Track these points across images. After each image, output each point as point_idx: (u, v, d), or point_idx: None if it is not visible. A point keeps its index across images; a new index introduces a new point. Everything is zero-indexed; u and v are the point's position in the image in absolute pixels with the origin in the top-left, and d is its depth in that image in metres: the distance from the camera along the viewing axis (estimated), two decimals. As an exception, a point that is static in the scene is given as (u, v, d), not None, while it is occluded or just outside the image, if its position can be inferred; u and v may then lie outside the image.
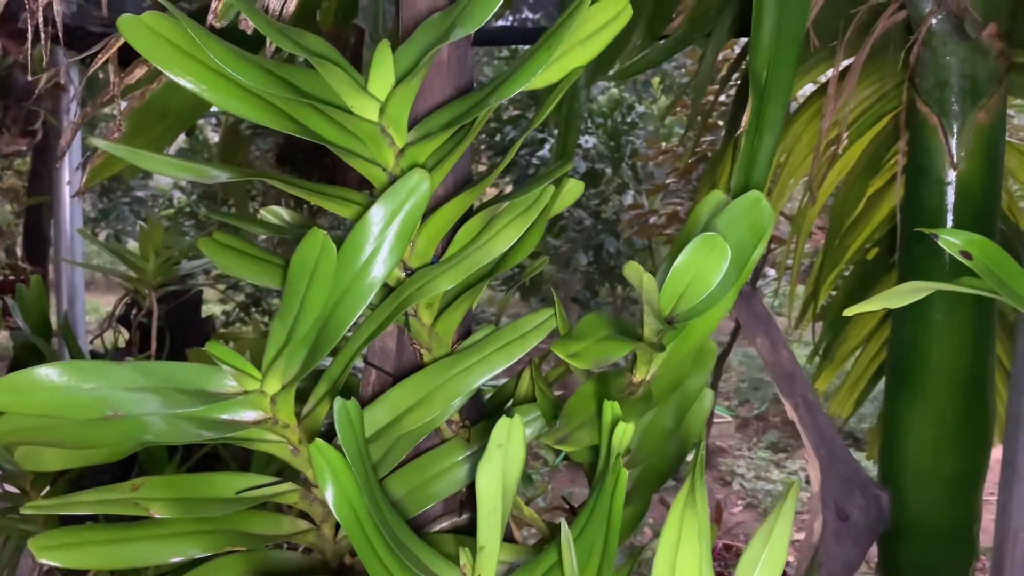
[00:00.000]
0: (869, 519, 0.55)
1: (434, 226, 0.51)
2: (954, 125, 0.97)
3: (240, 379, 0.48)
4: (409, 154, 0.49)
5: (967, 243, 0.50)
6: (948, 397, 1.01)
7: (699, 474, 0.43)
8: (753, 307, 0.63)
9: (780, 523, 0.45)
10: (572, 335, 0.51)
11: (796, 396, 0.60)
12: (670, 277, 0.57)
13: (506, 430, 0.41)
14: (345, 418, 0.44)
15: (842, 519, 0.56)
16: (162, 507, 0.47)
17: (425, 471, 0.56)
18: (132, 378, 0.46)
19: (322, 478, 0.42)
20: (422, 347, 0.56)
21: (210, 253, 0.52)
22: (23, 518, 1.12)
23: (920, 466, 1.03)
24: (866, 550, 0.55)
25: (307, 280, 0.45)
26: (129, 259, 1.15)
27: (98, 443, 0.47)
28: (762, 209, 0.59)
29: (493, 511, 0.43)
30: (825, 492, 0.57)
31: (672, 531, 0.42)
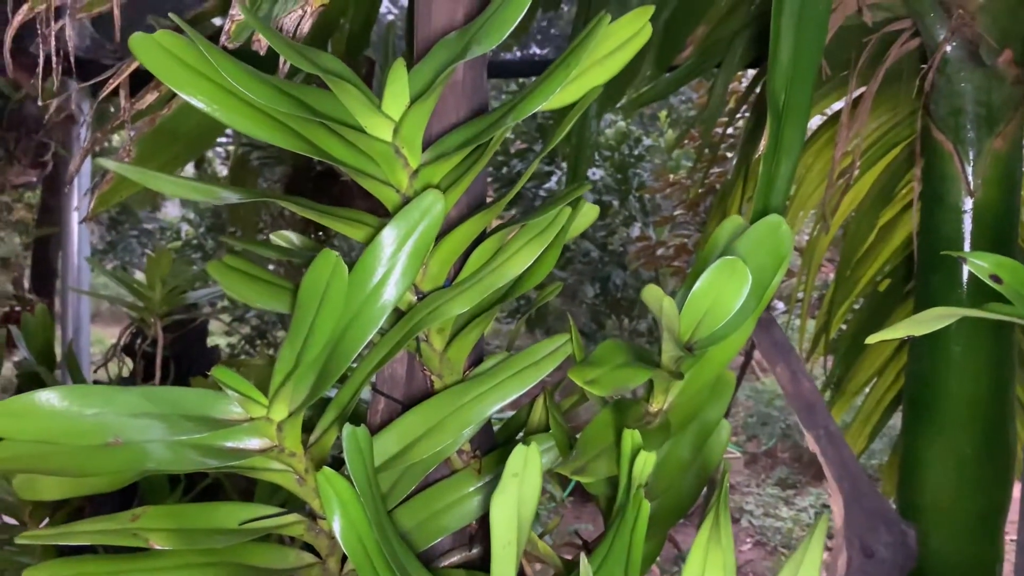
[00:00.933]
0: (896, 556, 0.53)
1: (447, 249, 0.50)
2: (970, 152, 0.96)
3: (246, 405, 0.46)
4: (423, 175, 0.48)
5: (996, 266, 0.49)
6: (968, 432, 0.99)
7: (723, 506, 0.41)
8: (773, 335, 0.61)
9: (808, 558, 0.43)
10: (589, 361, 0.49)
11: (818, 427, 0.58)
12: (689, 302, 0.55)
13: (522, 459, 0.40)
14: (354, 446, 0.42)
15: (867, 556, 0.53)
16: (162, 538, 0.46)
17: (435, 503, 0.54)
18: (136, 403, 0.45)
19: (329, 508, 0.41)
20: (433, 374, 0.54)
21: (219, 277, 0.51)
22: (20, 550, 1.10)
23: (940, 503, 1.01)
24: (895, 589, 0.53)
25: (317, 303, 0.44)
26: (135, 287, 1.15)
27: (98, 471, 0.46)
28: (782, 233, 0.57)
29: (508, 544, 0.41)
30: (849, 528, 0.55)
31: (696, 566, 0.40)
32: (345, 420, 0.46)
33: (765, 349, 0.61)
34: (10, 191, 2.34)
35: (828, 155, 1.57)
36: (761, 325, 0.61)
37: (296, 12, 0.53)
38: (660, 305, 0.48)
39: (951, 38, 0.96)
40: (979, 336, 0.97)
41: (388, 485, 0.52)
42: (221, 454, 0.47)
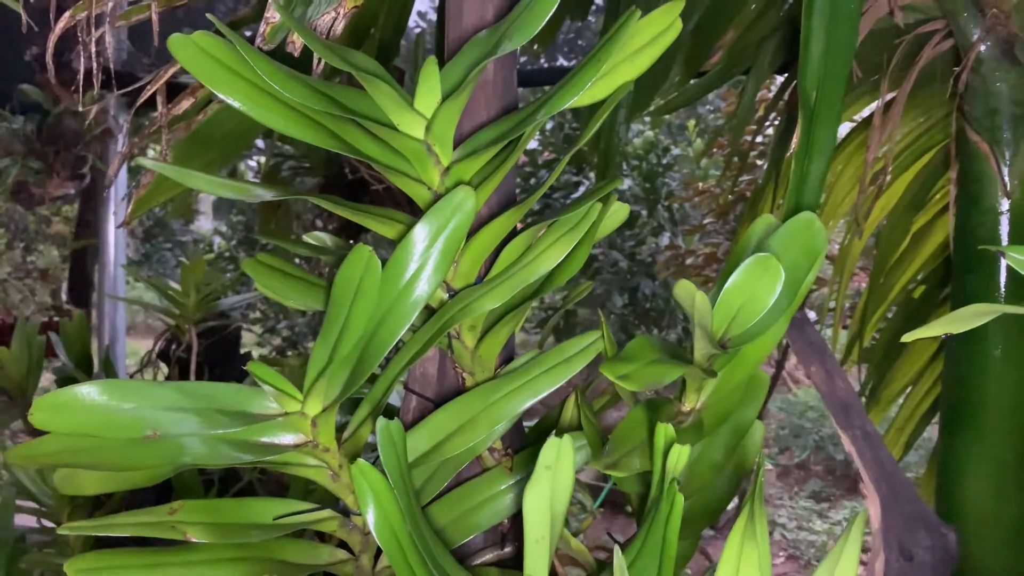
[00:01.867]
0: (936, 560, 0.52)
1: (478, 246, 0.50)
2: (1006, 153, 0.94)
3: (281, 400, 0.47)
4: (454, 172, 0.48)
5: (1038, 264, 0.48)
6: (1008, 437, 0.97)
7: (758, 502, 0.41)
8: (807, 335, 0.61)
9: (846, 555, 0.42)
10: (621, 357, 0.49)
11: (854, 427, 0.57)
12: (721, 299, 0.55)
13: (555, 452, 0.40)
14: (388, 439, 0.42)
15: (907, 559, 0.52)
16: (199, 531, 0.46)
17: (467, 500, 0.54)
18: (172, 398, 0.46)
19: (363, 500, 0.41)
20: (464, 371, 0.54)
21: (254, 274, 0.52)
22: (58, 552, 1.12)
23: (980, 511, 0.99)
24: (935, 591, 0.52)
25: (351, 298, 0.44)
26: (170, 294, 1.16)
27: (136, 465, 0.47)
28: (816, 230, 0.57)
29: (541, 540, 0.41)
30: (887, 530, 0.54)
31: (730, 563, 0.40)
32: (378, 416, 0.46)
33: (799, 349, 0.61)
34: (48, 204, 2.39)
35: (859, 160, 1.55)
36: (795, 324, 0.60)
37: (329, 14, 0.53)
38: (692, 300, 0.48)
39: (985, 37, 0.95)
40: (1018, 339, 0.95)
41: (421, 481, 0.53)
42: (256, 449, 0.47)
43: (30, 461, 0.48)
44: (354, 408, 0.52)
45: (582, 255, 0.49)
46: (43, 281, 4.10)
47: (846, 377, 0.60)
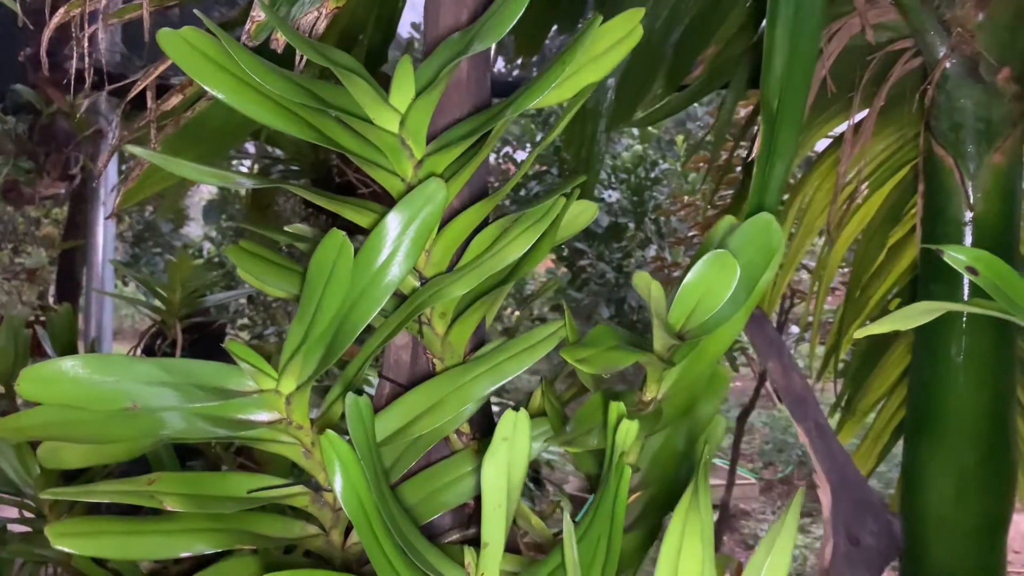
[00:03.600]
0: (881, 544, 0.55)
1: (449, 236, 0.53)
2: (970, 167, 0.98)
3: (257, 378, 0.49)
4: (427, 165, 0.51)
5: (973, 259, 0.51)
6: (969, 441, 1.00)
7: (703, 477, 0.43)
8: (765, 331, 0.63)
9: (784, 531, 0.45)
10: (582, 343, 0.51)
11: (808, 420, 0.60)
12: (680, 293, 0.57)
13: (511, 423, 0.42)
14: (356, 413, 0.45)
15: (853, 544, 0.55)
16: (176, 501, 0.48)
17: (436, 480, 0.57)
18: (152, 373, 0.48)
19: (331, 469, 0.43)
20: (435, 357, 0.57)
21: (236, 259, 0.54)
22: (39, 542, 1.13)
23: (942, 513, 1.01)
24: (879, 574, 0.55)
25: (324, 280, 0.47)
26: (156, 289, 1.19)
27: (117, 437, 0.49)
28: (772, 230, 0.60)
29: (498, 507, 0.44)
30: (836, 517, 0.57)
31: (675, 535, 0.42)
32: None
33: (758, 344, 0.63)
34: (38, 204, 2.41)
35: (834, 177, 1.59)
36: (754, 321, 0.63)
37: (312, 13, 0.56)
38: (649, 291, 0.51)
39: (951, 55, 0.98)
40: (980, 345, 0.99)
41: (391, 460, 0.55)
42: (232, 424, 0.50)
43: (17, 433, 0.50)
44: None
45: (546, 246, 0.52)
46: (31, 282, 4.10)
47: (801, 373, 0.63)
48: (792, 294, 2.78)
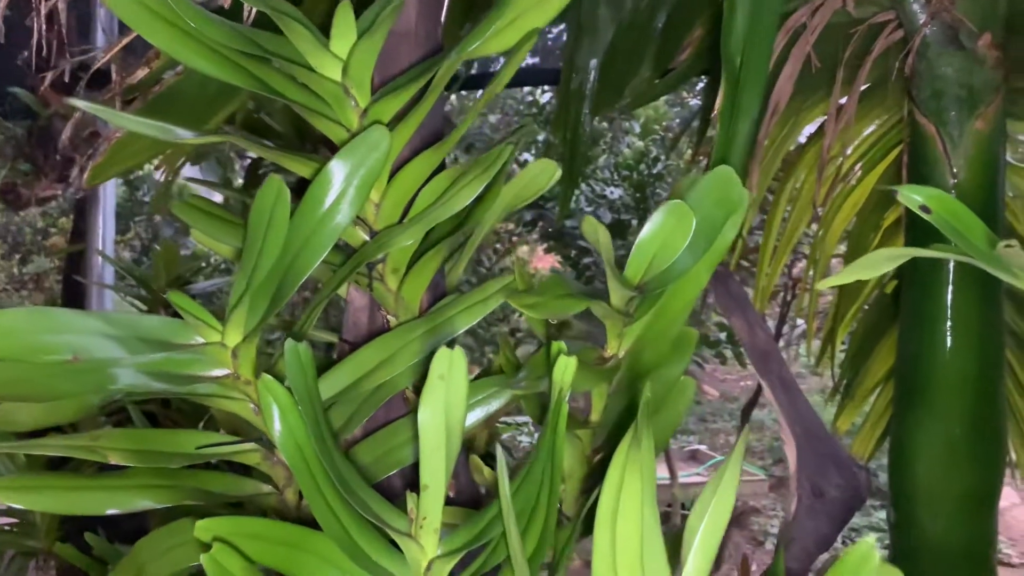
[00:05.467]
0: (845, 496, 0.54)
1: (399, 188, 0.52)
2: (953, 134, 0.97)
3: (201, 331, 0.49)
4: (372, 113, 0.50)
5: (927, 198, 0.50)
6: (957, 412, 0.99)
7: (644, 416, 0.42)
8: (729, 288, 0.63)
9: (728, 472, 0.44)
10: (532, 291, 0.51)
11: (772, 375, 0.59)
12: (637, 245, 0.57)
13: (447, 361, 0.41)
14: (295, 359, 0.44)
15: (817, 496, 0.54)
16: (120, 456, 0.48)
17: (392, 439, 0.56)
18: (96, 326, 0.48)
19: (268, 414, 0.43)
20: (389, 314, 0.56)
21: (184, 215, 0.54)
22: (27, 533, 1.13)
23: (930, 485, 1.00)
24: (842, 526, 0.54)
25: (264, 228, 0.46)
26: (140, 277, 1.19)
27: (64, 394, 0.48)
28: (731, 182, 0.59)
29: (436, 449, 0.43)
30: (801, 470, 0.56)
31: (616, 472, 0.41)
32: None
33: (722, 301, 0.63)
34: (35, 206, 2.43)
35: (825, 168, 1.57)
36: (717, 278, 0.62)
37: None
38: (596, 236, 0.50)
39: (930, 22, 0.97)
40: (967, 315, 0.97)
41: (345, 417, 0.54)
42: (179, 380, 0.49)
43: (-35, 393, 0.50)
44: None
45: (495, 193, 0.51)
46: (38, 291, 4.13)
47: (767, 328, 0.62)
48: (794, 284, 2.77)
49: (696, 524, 0.44)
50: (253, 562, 0.43)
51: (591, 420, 0.63)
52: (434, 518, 0.44)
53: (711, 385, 6.73)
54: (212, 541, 0.41)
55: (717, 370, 6.63)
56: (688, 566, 0.43)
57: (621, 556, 0.41)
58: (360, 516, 0.44)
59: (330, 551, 0.45)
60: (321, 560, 0.45)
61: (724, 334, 4.20)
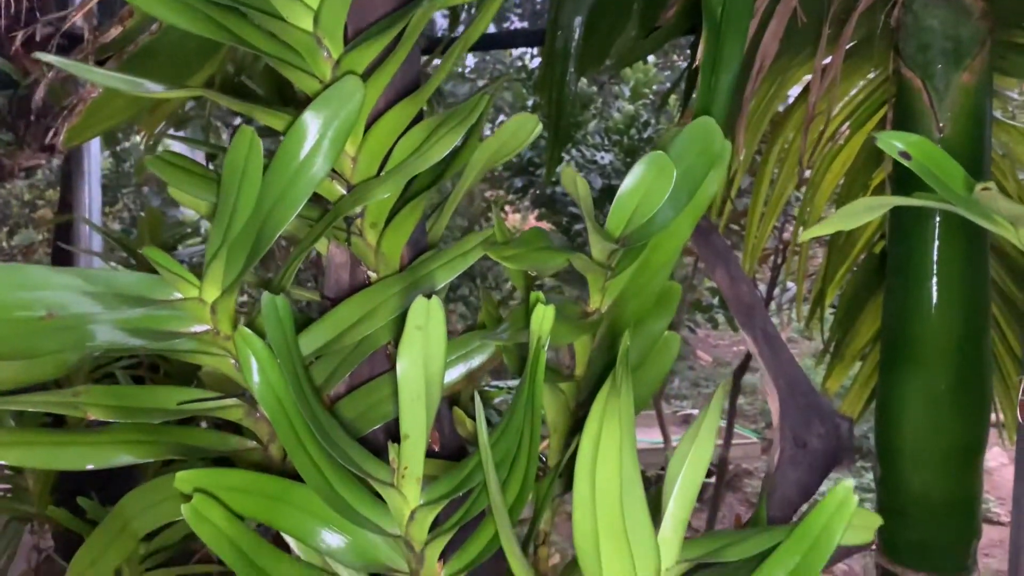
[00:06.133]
0: (827, 446, 0.54)
1: (375, 140, 0.52)
2: (939, 87, 0.96)
3: (179, 285, 0.48)
4: (345, 63, 0.49)
5: (907, 144, 0.50)
6: (942, 369, 0.99)
7: (623, 365, 0.42)
8: (712, 241, 0.62)
9: (707, 422, 0.44)
10: (512, 243, 0.51)
11: (755, 328, 0.59)
12: (618, 198, 0.57)
13: (424, 311, 0.41)
14: (272, 312, 0.44)
15: (800, 447, 0.55)
16: (101, 412, 0.48)
17: (375, 394, 0.56)
18: (72, 283, 0.47)
19: (247, 367, 0.43)
20: (370, 270, 0.56)
21: (157, 169, 0.53)
22: (20, 498, 1.14)
23: (917, 441, 1.01)
24: (824, 476, 0.54)
25: (238, 179, 0.46)
26: (123, 242, 1.18)
27: (42, 351, 0.48)
28: (712, 133, 0.59)
29: (416, 399, 0.43)
30: (784, 422, 0.56)
31: (595, 419, 0.42)
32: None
33: (705, 255, 0.62)
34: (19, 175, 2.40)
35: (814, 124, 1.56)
36: (700, 232, 0.62)
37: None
38: (575, 186, 0.50)
39: (917, -26, 0.96)
40: (952, 270, 0.98)
41: (327, 373, 0.54)
42: (158, 336, 0.49)
43: (-58, 353, 0.49)
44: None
45: (474, 145, 0.51)
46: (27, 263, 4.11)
47: (750, 282, 0.62)
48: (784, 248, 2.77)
49: (676, 471, 0.44)
50: (236, 514, 0.43)
51: (575, 375, 0.63)
52: (415, 467, 0.44)
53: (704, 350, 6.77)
54: (193, 492, 0.41)
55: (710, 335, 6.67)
56: (668, 511, 0.43)
57: (601, 503, 0.41)
58: (342, 467, 0.44)
59: (313, 503, 0.45)
60: (304, 512, 0.45)
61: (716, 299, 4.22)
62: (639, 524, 0.41)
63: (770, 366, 0.58)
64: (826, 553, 0.42)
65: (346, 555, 0.45)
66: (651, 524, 0.42)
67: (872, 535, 0.47)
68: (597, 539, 0.41)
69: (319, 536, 0.45)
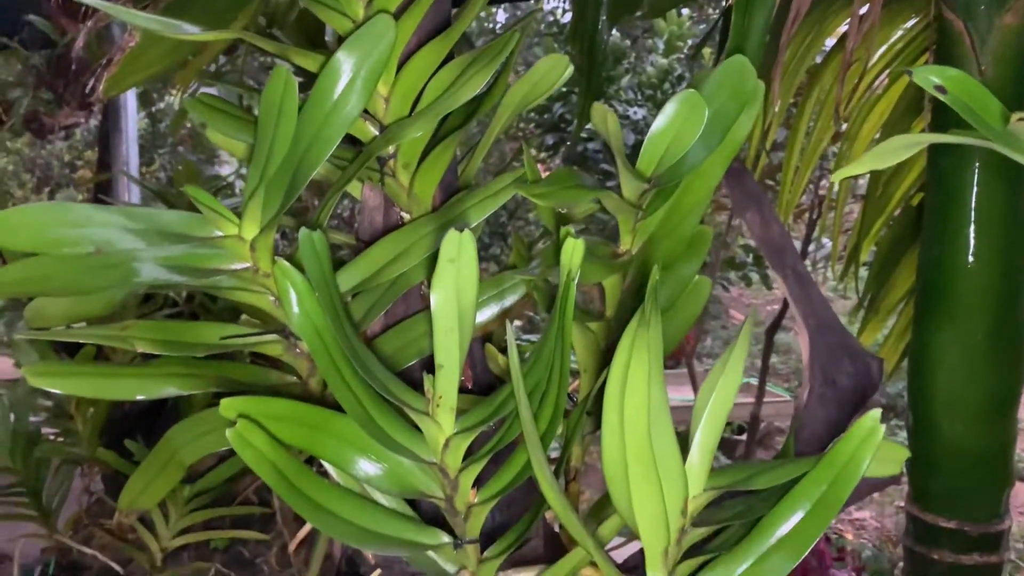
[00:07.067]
0: (856, 384, 0.54)
1: (407, 79, 0.52)
2: (981, 30, 0.94)
3: (219, 223, 0.50)
4: (377, 3, 0.50)
5: (943, 79, 0.49)
6: (979, 317, 0.98)
7: (652, 301, 0.43)
8: (744, 183, 0.62)
9: (735, 353, 0.45)
10: (542, 182, 0.51)
11: (786, 268, 0.59)
12: (649, 137, 0.57)
13: (456, 244, 0.42)
14: (309, 246, 0.45)
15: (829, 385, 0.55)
16: (147, 345, 0.50)
17: (412, 331, 0.57)
18: (115, 220, 0.49)
19: (286, 299, 0.44)
20: (403, 211, 0.57)
21: (196, 111, 0.55)
22: (72, 442, 1.18)
23: (951, 390, 1.00)
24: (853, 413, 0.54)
25: (275, 119, 0.47)
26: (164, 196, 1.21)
27: (89, 287, 0.50)
28: (745, 72, 0.58)
29: (450, 331, 0.44)
30: (813, 361, 0.56)
31: (623, 351, 0.42)
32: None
33: (737, 197, 0.62)
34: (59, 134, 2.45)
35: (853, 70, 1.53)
36: (732, 173, 0.62)
37: None
38: (605, 124, 0.50)
39: (962, -89, 0.93)
40: (992, 219, 0.96)
41: (364, 309, 0.56)
42: (199, 273, 0.50)
43: None
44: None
45: (503, 83, 0.51)
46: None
47: (781, 223, 0.62)
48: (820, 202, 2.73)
49: (704, 401, 0.45)
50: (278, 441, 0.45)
51: (605, 316, 0.63)
52: (450, 397, 0.45)
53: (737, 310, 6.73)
54: (237, 419, 0.43)
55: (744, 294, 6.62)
56: (696, 440, 0.44)
57: (629, 431, 0.42)
58: (379, 397, 0.45)
59: (352, 432, 0.47)
60: (343, 441, 0.47)
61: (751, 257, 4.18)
62: (667, 452, 0.42)
63: (801, 306, 0.58)
64: (852, 483, 0.43)
65: (383, 482, 0.47)
66: (679, 452, 0.43)
67: (900, 468, 0.48)
68: (626, 466, 0.42)
69: (357, 464, 0.47)
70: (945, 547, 1.01)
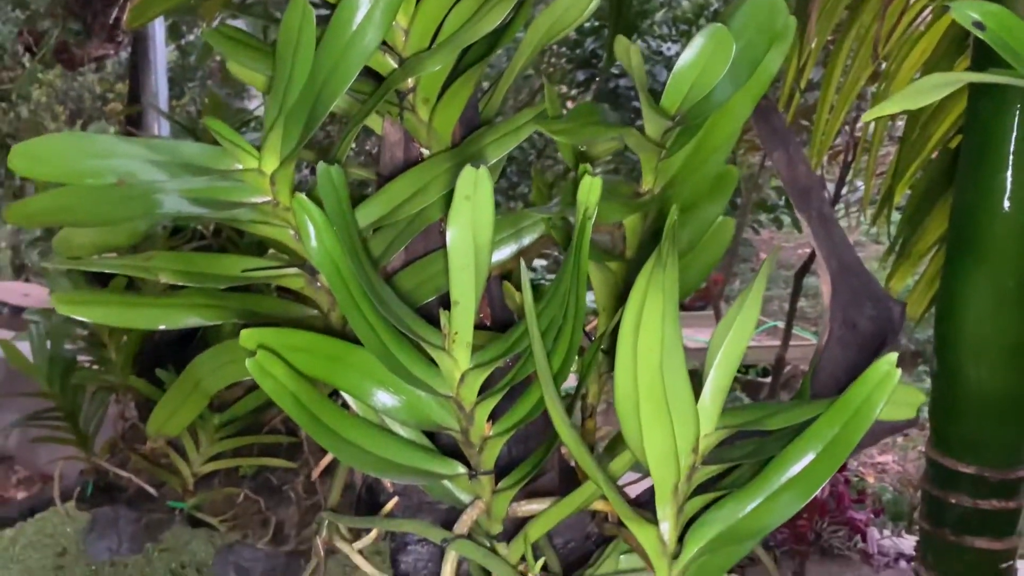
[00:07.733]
0: (877, 328, 0.54)
1: (426, 11, 0.51)
2: (1031, -38, 0.90)
3: (240, 157, 0.50)
4: (397, -69, 0.49)
5: (982, 13, 0.47)
6: (1011, 263, 0.96)
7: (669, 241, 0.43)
8: (772, 122, 0.61)
9: (752, 293, 0.44)
10: (562, 118, 0.50)
11: (811, 209, 0.59)
12: (674, 73, 0.55)
13: (472, 181, 0.42)
14: (328, 180, 0.45)
15: (849, 328, 0.55)
16: (171, 275, 0.51)
17: (431, 268, 0.58)
18: (138, 152, 0.49)
19: (304, 233, 0.44)
20: (423, 146, 0.57)
21: (215, 42, 0.54)
22: (106, 369, 1.22)
23: (979, 335, 0.99)
24: (872, 356, 0.54)
25: (292, 50, 0.47)
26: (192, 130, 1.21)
27: (114, 218, 0.51)
28: (776, 7, 0.56)
29: (465, 267, 0.44)
30: (834, 303, 0.56)
31: (639, 290, 0.42)
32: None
33: (764, 136, 0.61)
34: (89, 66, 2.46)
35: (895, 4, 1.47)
36: (760, 112, 0.61)
37: None
38: (628, 58, 0.49)
39: None
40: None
41: (383, 246, 0.56)
42: (220, 206, 0.51)
43: (26, 219, 0.52)
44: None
45: (523, 16, 0.50)
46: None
47: (808, 163, 0.61)
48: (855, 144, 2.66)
49: (719, 341, 0.45)
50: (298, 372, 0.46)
51: (625, 255, 0.63)
52: (465, 332, 0.45)
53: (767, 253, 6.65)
54: (257, 349, 0.44)
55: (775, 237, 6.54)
56: (709, 379, 0.45)
57: (642, 368, 0.42)
58: (397, 331, 0.46)
59: (370, 364, 0.47)
60: (361, 372, 0.48)
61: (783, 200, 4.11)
62: (679, 390, 0.43)
63: (823, 246, 0.58)
64: (865, 425, 0.43)
65: (400, 413, 0.48)
66: (691, 391, 0.43)
67: (915, 412, 0.48)
68: (637, 403, 0.42)
69: (375, 395, 0.48)
70: (963, 492, 1.01)
